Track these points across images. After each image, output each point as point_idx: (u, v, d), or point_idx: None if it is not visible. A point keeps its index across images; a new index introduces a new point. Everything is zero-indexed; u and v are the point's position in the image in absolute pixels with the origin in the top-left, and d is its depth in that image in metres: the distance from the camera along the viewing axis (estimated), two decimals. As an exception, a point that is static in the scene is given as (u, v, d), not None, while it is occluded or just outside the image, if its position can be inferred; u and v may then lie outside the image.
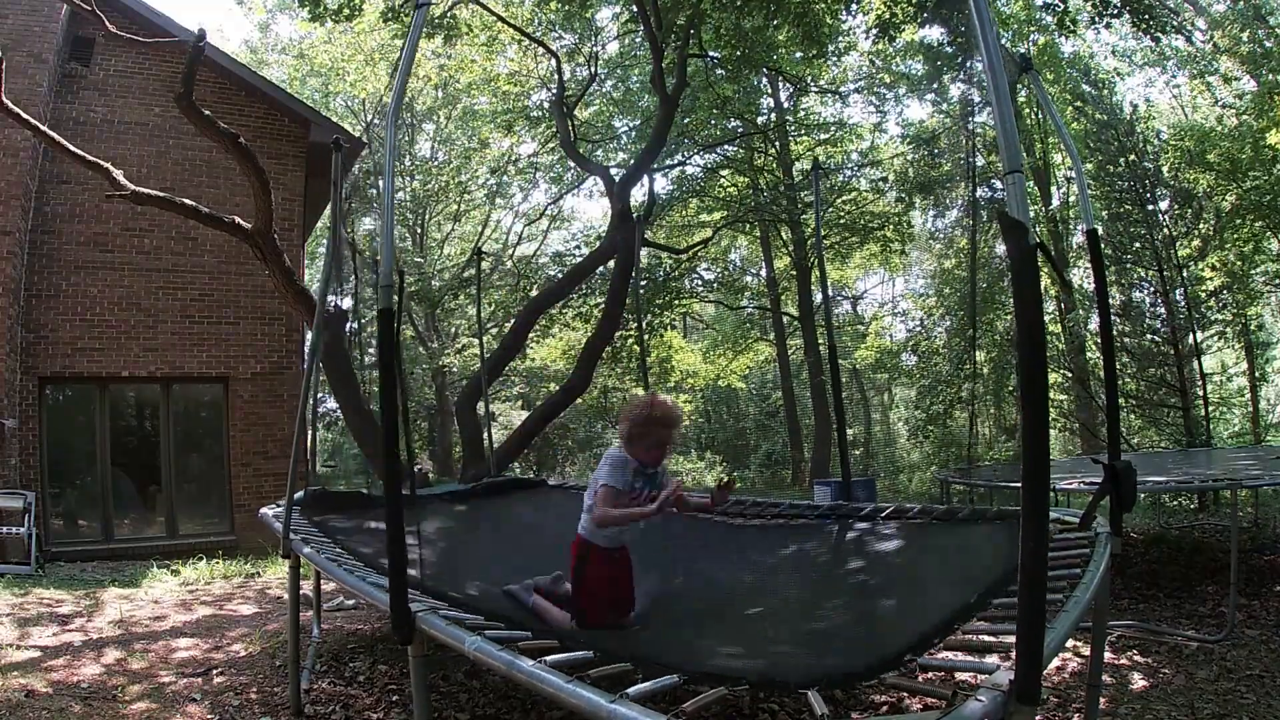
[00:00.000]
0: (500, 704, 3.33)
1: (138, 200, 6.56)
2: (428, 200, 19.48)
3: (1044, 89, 3.12)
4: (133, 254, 8.77)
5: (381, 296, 2.16)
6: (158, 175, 8.46)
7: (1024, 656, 1.24)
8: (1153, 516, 8.69)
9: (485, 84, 14.07)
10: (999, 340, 12.36)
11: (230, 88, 9.38)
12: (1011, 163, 1.35)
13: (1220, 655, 3.81)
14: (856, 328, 21.20)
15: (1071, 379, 13.68)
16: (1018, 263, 1.32)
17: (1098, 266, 2.93)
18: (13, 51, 7.31)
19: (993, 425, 14.53)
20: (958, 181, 13.86)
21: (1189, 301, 11.47)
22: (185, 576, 6.63)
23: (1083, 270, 13.78)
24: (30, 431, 8.01)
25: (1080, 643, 3.77)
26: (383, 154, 7.23)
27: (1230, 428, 13.22)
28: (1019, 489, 1.28)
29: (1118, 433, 2.88)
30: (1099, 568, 2.02)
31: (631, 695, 1.37)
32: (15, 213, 7.89)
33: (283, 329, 9.36)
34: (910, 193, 15.29)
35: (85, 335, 8.44)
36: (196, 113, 5.97)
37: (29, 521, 6.99)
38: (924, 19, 9.15)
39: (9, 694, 3.31)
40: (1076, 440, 15.87)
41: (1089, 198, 3.39)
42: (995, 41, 1.40)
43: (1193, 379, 11.51)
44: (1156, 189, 11.96)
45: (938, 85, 14.32)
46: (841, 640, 1.90)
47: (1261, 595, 4.73)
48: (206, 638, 4.46)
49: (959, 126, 13.24)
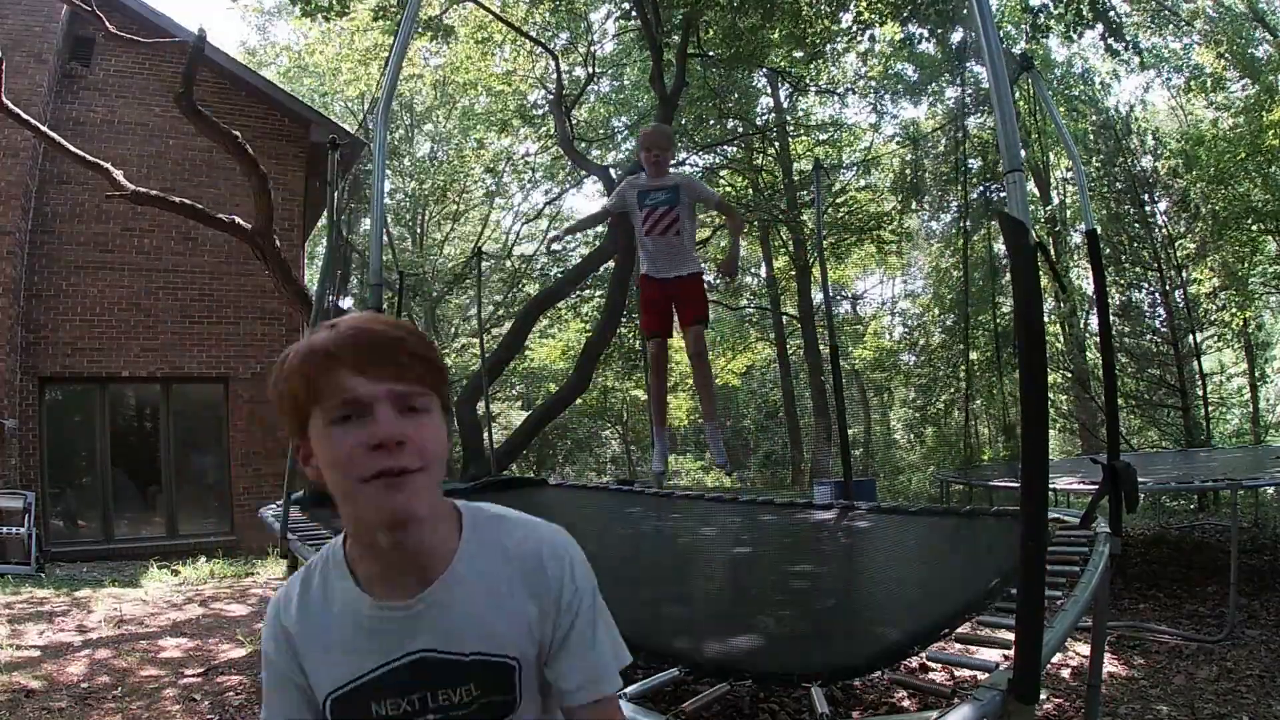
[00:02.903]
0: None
1: (137, 200, 6.57)
2: (426, 200, 19.47)
3: (1044, 89, 3.13)
4: (133, 254, 8.76)
5: (371, 296, 2.15)
6: (158, 175, 8.45)
7: (1023, 655, 1.24)
8: (1153, 516, 8.70)
9: (482, 84, 14.05)
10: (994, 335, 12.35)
11: (230, 88, 9.37)
12: (1012, 162, 1.36)
13: (1220, 655, 3.81)
14: (855, 328, 21.19)
15: (1071, 379, 13.69)
16: (1018, 262, 1.33)
17: (1097, 267, 2.94)
18: (13, 51, 7.31)
19: (991, 425, 14.52)
20: (953, 181, 13.87)
21: (1188, 302, 11.49)
22: (185, 576, 6.63)
23: (1082, 269, 13.80)
24: (30, 431, 8.00)
25: (1080, 642, 3.78)
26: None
27: (1230, 428, 13.23)
28: (1018, 488, 1.28)
29: (1117, 433, 2.88)
30: (1098, 567, 2.03)
31: (630, 695, 1.37)
32: (15, 213, 7.89)
33: (283, 329, 9.36)
34: (906, 194, 15.31)
35: (85, 335, 8.44)
36: (196, 113, 5.98)
37: (29, 521, 6.98)
38: (904, 17, 9.20)
39: (8, 694, 3.31)
40: (1076, 440, 15.87)
41: (1088, 198, 3.40)
42: (996, 41, 1.40)
43: (1192, 379, 11.53)
44: (1154, 190, 11.98)
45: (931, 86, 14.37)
46: (843, 635, 1.91)
47: (1261, 595, 4.73)
48: (206, 637, 4.46)
49: (954, 127, 13.23)
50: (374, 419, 0.73)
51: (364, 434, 0.72)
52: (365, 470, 0.73)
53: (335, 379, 0.73)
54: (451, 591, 0.82)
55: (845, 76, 16.31)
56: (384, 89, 2.34)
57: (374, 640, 0.81)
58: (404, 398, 0.75)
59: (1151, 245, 11.56)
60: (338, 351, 0.74)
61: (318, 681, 0.82)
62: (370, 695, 0.81)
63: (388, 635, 0.81)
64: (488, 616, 0.83)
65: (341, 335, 0.75)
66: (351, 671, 0.81)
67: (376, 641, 0.81)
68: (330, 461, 0.74)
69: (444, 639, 0.81)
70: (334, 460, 0.74)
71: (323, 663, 0.82)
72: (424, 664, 0.81)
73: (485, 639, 0.82)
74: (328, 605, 0.83)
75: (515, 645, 0.83)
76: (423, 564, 0.82)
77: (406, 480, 0.73)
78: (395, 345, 0.76)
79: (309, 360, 0.75)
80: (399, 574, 0.81)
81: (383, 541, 0.78)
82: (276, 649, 0.85)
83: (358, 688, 0.81)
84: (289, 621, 0.84)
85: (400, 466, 0.73)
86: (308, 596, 0.85)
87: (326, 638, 0.82)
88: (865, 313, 23.61)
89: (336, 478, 0.75)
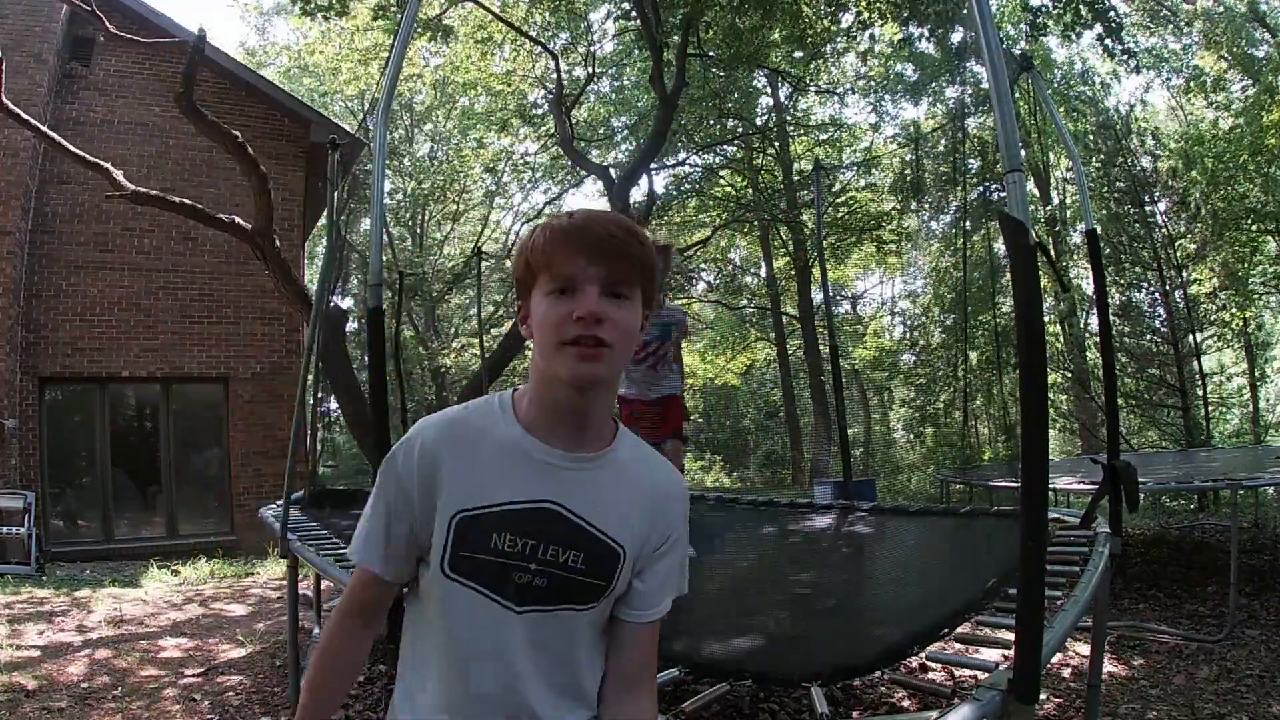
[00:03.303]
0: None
1: (137, 200, 6.56)
2: (426, 200, 19.46)
3: (1044, 89, 3.13)
4: (133, 254, 8.76)
5: (370, 295, 2.14)
6: (158, 175, 8.44)
7: (1023, 655, 1.24)
8: (1153, 516, 8.69)
9: (481, 84, 14.05)
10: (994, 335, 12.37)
11: (230, 88, 9.37)
12: (1012, 162, 1.35)
13: (1220, 655, 3.81)
14: (855, 327, 21.18)
15: (1071, 379, 13.69)
16: (1018, 262, 1.33)
17: (1097, 267, 2.94)
18: (13, 51, 7.30)
19: (991, 425, 14.52)
20: (953, 181, 13.88)
21: (1188, 302, 11.49)
22: (185, 576, 6.63)
23: (1082, 269, 13.80)
24: (30, 431, 8.00)
25: (1080, 642, 3.78)
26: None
27: (1230, 428, 13.23)
28: (1018, 488, 1.28)
29: (1117, 433, 2.88)
30: (1098, 567, 2.03)
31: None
32: (15, 213, 7.89)
33: (283, 329, 9.36)
34: (906, 194, 15.31)
35: (85, 335, 8.44)
36: (196, 113, 5.97)
37: (29, 522, 6.98)
38: (904, 17, 9.21)
39: (8, 694, 3.31)
40: (1076, 440, 15.87)
41: (1088, 198, 3.40)
42: (996, 41, 1.40)
43: (1192, 379, 11.53)
44: (1154, 190, 11.98)
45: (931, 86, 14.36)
46: (843, 635, 1.91)
47: (1261, 595, 4.73)
48: (205, 637, 4.46)
49: (953, 127, 13.24)
50: (583, 295, 0.85)
51: (571, 306, 0.85)
52: (566, 334, 0.85)
53: (561, 258, 0.86)
54: (603, 470, 0.93)
55: (845, 76, 16.32)
56: (384, 89, 2.34)
57: (519, 476, 0.89)
58: (611, 285, 0.86)
59: (1151, 245, 11.56)
60: (568, 238, 0.87)
61: (450, 498, 0.88)
62: (495, 524, 0.88)
63: (535, 478, 0.89)
64: (621, 506, 0.93)
65: (575, 224, 0.88)
66: (489, 496, 0.88)
67: (521, 479, 0.89)
68: (541, 323, 0.87)
69: (580, 503, 0.90)
70: (544, 322, 0.87)
71: (464, 481, 0.88)
72: (553, 515, 0.89)
73: (611, 522, 0.92)
74: (483, 435, 0.91)
75: (630, 543, 0.93)
76: (586, 432, 0.92)
77: (600, 352, 0.85)
78: (614, 243, 0.87)
79: (547, 239, 0.88)
80: (567, 431, 0.91)
81: (563, 398, 0.89)
82: (407, 465, 0.90)
83: (489, 513, 0.88)
84: (443, 435, 0.91)
85: (595, 337, 0.84)
86: (465, 425, 0.93)
87: (475, 460, 0.89)
88: (865, 313, 23.60)
89: (543, 337, 0.87)
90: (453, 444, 0.90)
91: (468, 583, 0.88)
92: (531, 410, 0.92)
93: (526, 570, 0.89)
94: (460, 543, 0.88)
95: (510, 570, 0.88)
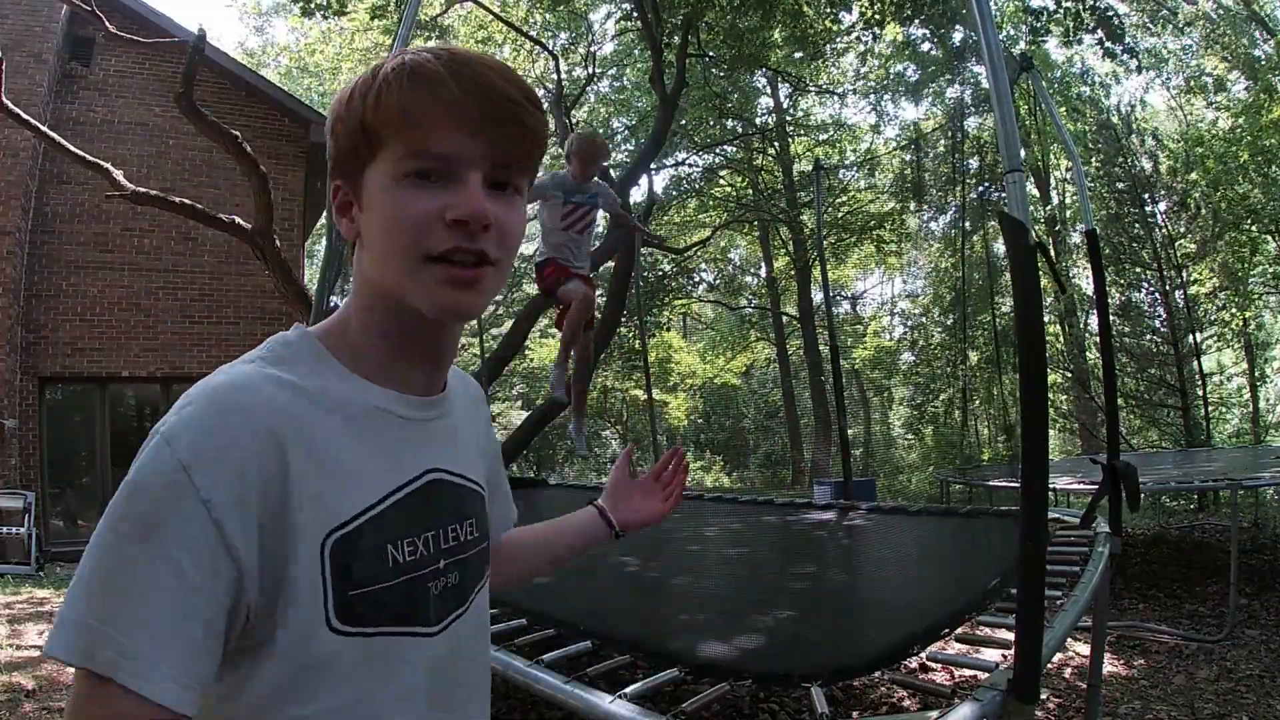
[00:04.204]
0: (500, 704, 3.33)
1: (137, 200, 6.56)
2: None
3: (1044, 89, 3.13)
4: (133, 254, 8.76)
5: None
6: (158, 175, 8.45)
7: (1023, 655, 1.24)
8: (1153, 516, 8.70)
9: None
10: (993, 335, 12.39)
11: (230, 88, 9.37)
12: (1011, 162, 1.36)
13: (1220, 655, 3.81)
14: (855, 327, 21.20)
15: (1071, 379, 13.69)
16: (1017, 262, 1.33)
17: (1097, 267, 2.94)
18: (13, 51, 7.31)
19: (991, 425, 14.54)
20: (952, 182, 13.90)
21: (1188, 302, 11.49)
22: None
23: (1082, 269, 13.80)
24: (30, 431, 8.00)
25: (1080, 642, 3.78)
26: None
27: (1230, 428, 13.24)
28: (1018, 488, 1.28)
29: (1117, 433, 2.89)
30: (1098, 567, 2.03)
31: (629, 695, 1.37)
32: (15, 213, 7.89)
33: (282, 329, 9.29)
34: (906, 194, 15.32)
35: (85, 335, 8.44)
36: (196, 113, 5.97)
37: (29, 522, 6.98)
38: (906, 16, 9.23)
39: (8, 694, 3.31)
40: (1076, 440, 15.88)
41: (1088, 198, 3.40)
42: (996, 41, 1.40)
43: (1192, 379, 11.53)
44: (1154, 190, 11.98)
45: (931, 86, 14.38)
46: (843, 635, 1.91)
47: (1261, 595, 4.73)
48: (206, 637, 4.45)
49: (953, 127, 13.25)
50: (463, 186, 0.57)
51: (443, 201, 0.57)
52: (435, 245, 0.57)
53: (430, 124, 0.56)
54: (454, 403, 0.69)
55: (845, 77, 16.32)
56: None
57: (388, 450, 0.61)
58: (500, 171, 0.59)
59: (1151, 245, 11.57)
60: (440, 91, 0.56)
61: (308, 518, 0.55)
62: (385, 531, 0.59)
63: (409, 446, 0.63)
64: (469, 437, 0.71)
65: (452, 70, 0.57)
66: (363, 494, 0.59)
67: (393, 453, 0.62)
68: (389, 224, 0.58)
69: (450, 457, 0.67)
70: (395, 223, 0.57)
71: (317, 483, 0.56)
72: (439, 487, 0.65)
73: (472, 463, 0.70)
74: (317, 403, 0.59)
75: (481, 475, 0.72)
76: (442, 365, 0.67)
77: (481, 273, 0.59)
78: (511, 108, 0.58)
79: (404, 89, 0.56)
80: (424, 369, 0.65)
81: (417, 330, 0.62)
82: (216, 491, 0.51)
83: (371, 518, 0.58)
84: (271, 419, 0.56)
85: (479, 251, 0.58)
86: (292, 393, 0.59)
87: (326, 444, 0.57)
88: (865, 313, 23.61)
89: (392, 244, 0.58)
90: (291, 428, 0.56)
91: (372, 630, 0.57)
92: (369, 350, 0.63)
93: (438, 575, 0.63)
94: (343, 578, 0.56)
95: (421, 584, 0.61)
